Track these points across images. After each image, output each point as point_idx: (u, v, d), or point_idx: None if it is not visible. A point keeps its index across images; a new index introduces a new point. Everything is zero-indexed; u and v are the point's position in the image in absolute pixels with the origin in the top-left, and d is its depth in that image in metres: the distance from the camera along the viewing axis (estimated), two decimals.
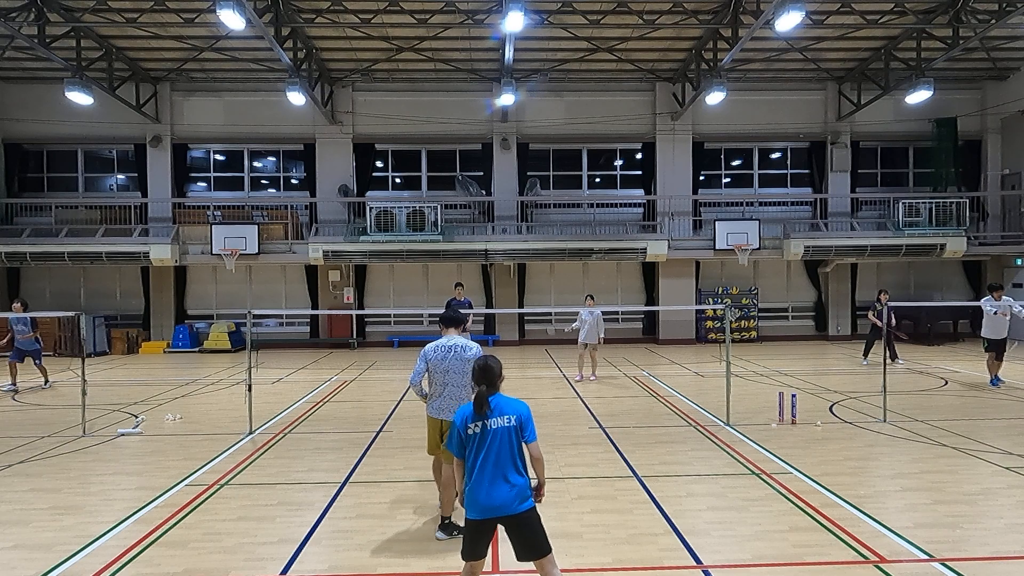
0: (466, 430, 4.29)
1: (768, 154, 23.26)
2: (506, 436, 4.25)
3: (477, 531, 4.27)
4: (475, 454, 4.26)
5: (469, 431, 4.28)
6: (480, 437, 4.25)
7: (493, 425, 4.25)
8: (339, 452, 8.73)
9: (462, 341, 6.01)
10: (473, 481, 4.23)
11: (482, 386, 4.36)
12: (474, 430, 4.26)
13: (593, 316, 14.31)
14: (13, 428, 10.32)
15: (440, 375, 5.96)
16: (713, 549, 5.51)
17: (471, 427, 4.28)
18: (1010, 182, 22.06)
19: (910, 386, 13.20)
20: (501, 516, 4.20)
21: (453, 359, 5.92)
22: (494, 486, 4.17)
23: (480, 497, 4.19)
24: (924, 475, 7.44)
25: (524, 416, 4.34)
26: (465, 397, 5.93)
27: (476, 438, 4.26)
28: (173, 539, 5.84)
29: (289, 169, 23.09)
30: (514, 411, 4.32)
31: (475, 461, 4.25)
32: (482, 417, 4.27)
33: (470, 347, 5.96)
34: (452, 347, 5.97)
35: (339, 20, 17.66)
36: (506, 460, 4.22)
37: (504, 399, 4.39)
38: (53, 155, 22.58)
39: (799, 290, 22.90)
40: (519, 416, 4.31)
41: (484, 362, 4.49)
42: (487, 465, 4.20)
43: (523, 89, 21.21)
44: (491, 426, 4.25)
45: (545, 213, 22.44)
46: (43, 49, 16.70)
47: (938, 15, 17.52)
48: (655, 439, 9.21)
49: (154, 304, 21.95)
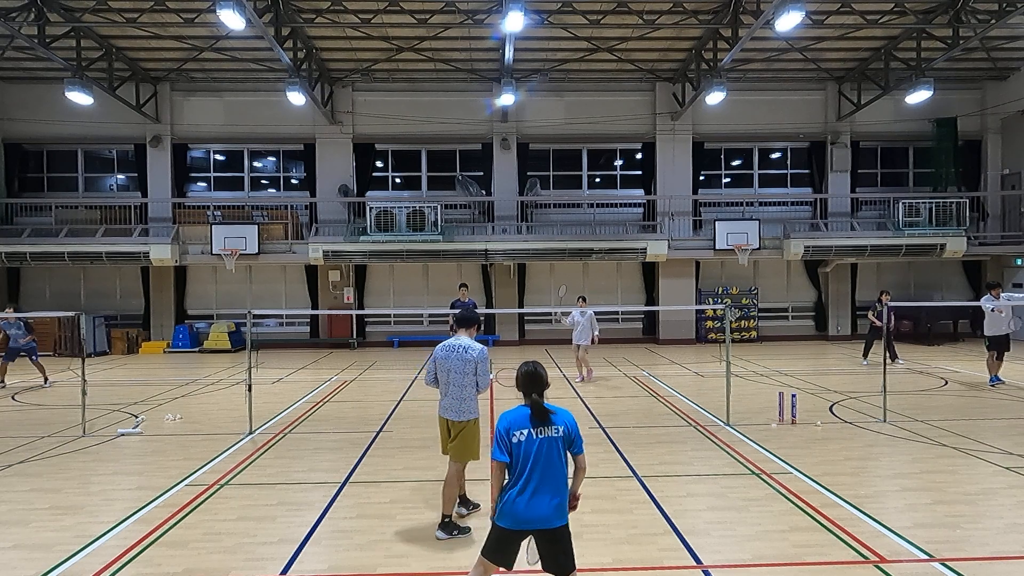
0: (510, 437, 4.07)
1: (768, 154, 23.26)
2: (554, 447, 4.05)
3: (507, 540, 4.08)
4: (520, 463, 4.03)
5: (514, 439, 4.06)
6: (526, 446, 4.03)
7: (540, 434, 4.05)
8: (339, 452, 8.73)
9: (467, 342, 6.03)
10: (514, 491, 4.01)
11: (533, 395, 4.15)
12: (519, 438, 4.05)
13: (585, 316, 14.14)
14: (13, 428, 10.33)
15: (444, 374, 6.01)
16: (713, 549, 5.51)
17: (516, 434, 4.06)
18: (1010, 182, 22.07)
19: (910, 386, 13.20)
20: (536, 529, 4.01)
21: (456, 359, 5.94)
22: (536, 499, 3.98)
23: (519, 508, 3.98)
24: (924, 475, 7.44)
25: (573, 427, 4.14)
26: (467, 397, 5.97)
27: (522, 447, 4.04)
28: (173, 539, 5.84)
29: (289, 169, 23.09)
30: (562, 422, 4.12)
31: (519, 470, 4.03)
32: (531, 425, 4.06)
33: (474, 347, 5.99)
34: (456, 347, 6.00)
35: (339, 20, 17.66)
36: (551, 473, 4.02)
37: (551, 408, 4.17)
38: (53, 155, 22.58)
39: (799, 290, 22.90)
40: (567, 427, 4.12)
41: (533, 368, 4.26)
42: (533, 476, 3.99)
43: (523, 89, 21.21)
44: (537, 435, 4.05)
45: (545, 213, 22.44)
46: (43, 49, 16.70)
47: (938, 15, 17.52)
48: (655, 439, 9.21)
49: (154, 304, 21.95)
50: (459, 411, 5.94)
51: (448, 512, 5.90)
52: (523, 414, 4.13)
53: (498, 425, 4.18)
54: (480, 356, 5.95)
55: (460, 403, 5.94)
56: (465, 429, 5.97)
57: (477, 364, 5.93)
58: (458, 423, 5.96)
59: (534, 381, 4.20)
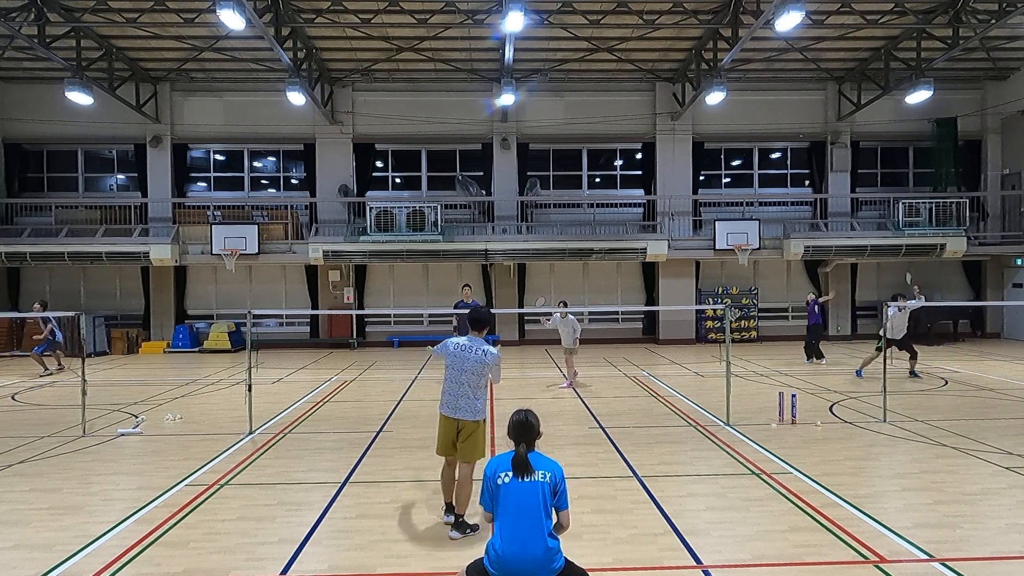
0: (496, 479, 4.06)
1: (768, 154, 23.26)
2: (538, 492, 3.99)
3: None
4: (505, 508, 3.97)
5: (499, 480, 4.04)
6: (510, 489, 3.99)
7: (526, 478, 4.01)
8: (339, 452, 8.73)
9: (483, 344, 6.13)
10: (503, 539, 3.91)
11: (521, 445, 4.11)
12: (504, 480, 4.03)
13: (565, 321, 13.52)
14: (13, 428, 10.32)
15: (456, 373, 6.05)
16: (713, 549, 5.51)
17: (502, 476, 4.05)
18: (1010, 182, 22.06)
19: (910, 386, 13.20)
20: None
21: (474, 361, 6.02)
22: (527, 547, 3.88)
23: (509, 559, 3.87)
24: (924, 475, 7.44)
25: (559, 477, 4.06)
26: (480, 397, 6.05)
27: (505, 489, 4.00)
28: (173, 539, 5.84)
29: (289, 169, 23.09)
30: (549, 468, 4.07)
31: (504, 516, 3.96)
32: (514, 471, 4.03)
33: (491, 351, 6.08)
34: (473, 348, 6.07)
35: (339, 20, 17.66)
36: (538, 519, 3.93)
37: (540, 458, 4.15)
38: (53, 155, 22.58)
39: (799, 290, 22.88)
40: (554, 475, 4.05)
41: (524, 418, 4.25)
42: (519, 522, 3.91)
43: (523, 89, 21.21)
44: (523, 478, 4.00)
45: (545, 213, 22.44)
46: (43, 49, 16.69)
47: (938, 15, 17.52)
48: (655, 439, 9.21)
49: (154, 304, 21.95)
50: (473, 411, 6.03)
51: (462, 512, 5.94)
52: (508, 459, 4.13)
53: (485, 471, 4.17)
54: (496, 360, 6.10)
55: (473, 403, 6.02)
56: (477, 429, 6.07)
57: (492, 368, 6.08)
58: (472, 423, 6.03)
59: (523, 430, 4.20)
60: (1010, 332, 22.50)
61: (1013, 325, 22.34)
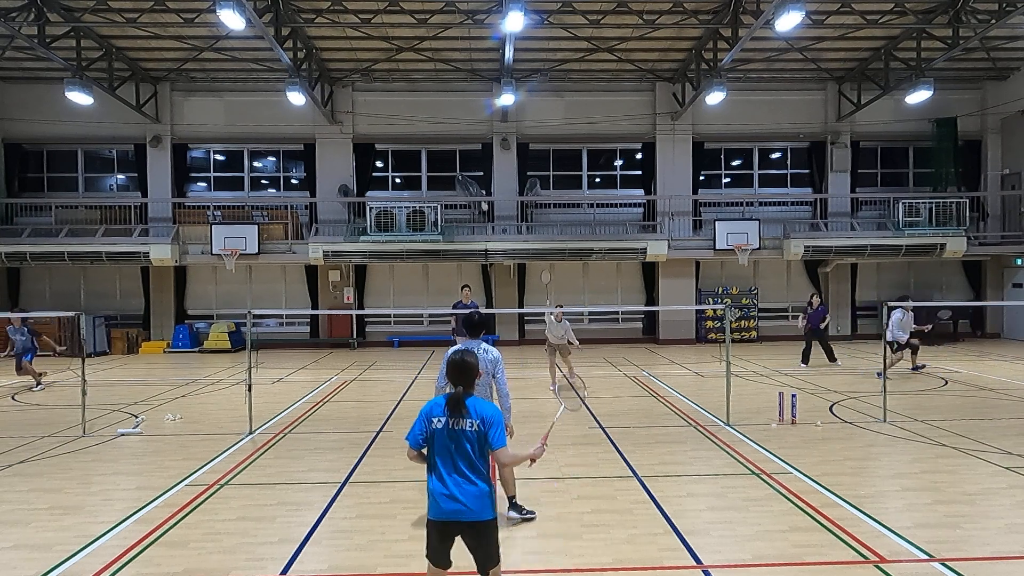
0: (430, 423, 4.04)
1: (768, 154, 23.26)
2: (465, 440, 3.97)
3: (438, 533, 4.04)
4: (437, 452, 4.01)
5: (433, 424, 4.02)
6: (442, 434, 3.99)
7: (459, 425, 3.97)
8: (339, 452, 8.73)
9: (483, 345, 6.16)
10: (436, 483, 3.99)
11: (459, 387, 4.09)
12: (436, 424, 4.00)
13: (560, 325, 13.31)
14: (13, 428, 10.33)
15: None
16: (713, 549, 5.51)
17: (435, 420, 4.02)
18: (1010, 182, 22.06)
19: (910, 386, 13.20)
20: (461, 521, 3.96)
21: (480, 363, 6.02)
22: (452, 489, 3.93)
23: (441, 503, 3.95)
24: (924, 475, 7.44)
25: (490, 421, 3.98)
26: (484, 396, 6.03)
27: (439, 434, 3.99)
28: (173, 539, 5.84)
29: (289, 169, 23.09)
30: (478, 416, 3.98)
31: (436, 459, 4.01)
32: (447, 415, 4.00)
33: (491, 351, 6.12)
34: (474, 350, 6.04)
35: (339, 20, 17.66)
36: (467, 466, 3.96)
37: (478, 401, 4.07)
38: (53, 155, 22.58)
39: (799, 290, 22.87)
40: (483, 422, 3.97)
41: (460, 358, 4.14)
42: (449, 465, 3.96)
43: (523, 89, 21.20)
44: (455, 425, 3.98)
45: (545, 213, 22.44)
46: (43, 49, 16.69)
47: (938, 15, 17.51)
48: (655, 439, 9.21)
49: (154, 304, 21.94)
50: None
51: (512, 492, 6.11)
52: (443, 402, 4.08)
53: (422, 410, 4.17)
54: (497, 358, 6.16)
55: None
56: None
57: (495, 365, 6.13)
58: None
59: (461, 371, 4.12)
60: (1010, 332, 22.50)
61: (1013, 325, 22.34)
